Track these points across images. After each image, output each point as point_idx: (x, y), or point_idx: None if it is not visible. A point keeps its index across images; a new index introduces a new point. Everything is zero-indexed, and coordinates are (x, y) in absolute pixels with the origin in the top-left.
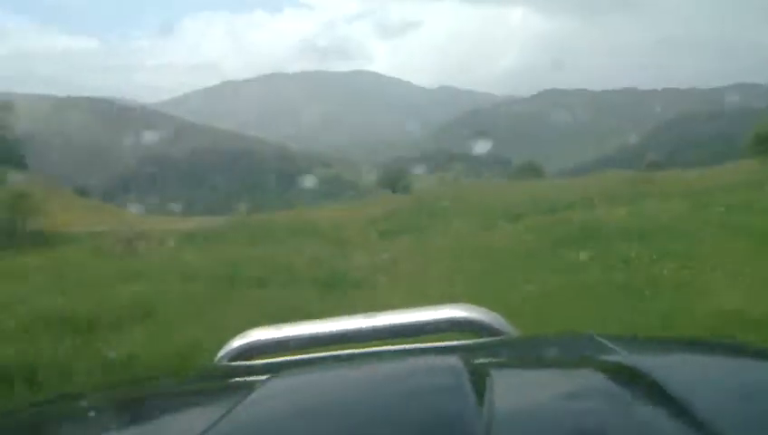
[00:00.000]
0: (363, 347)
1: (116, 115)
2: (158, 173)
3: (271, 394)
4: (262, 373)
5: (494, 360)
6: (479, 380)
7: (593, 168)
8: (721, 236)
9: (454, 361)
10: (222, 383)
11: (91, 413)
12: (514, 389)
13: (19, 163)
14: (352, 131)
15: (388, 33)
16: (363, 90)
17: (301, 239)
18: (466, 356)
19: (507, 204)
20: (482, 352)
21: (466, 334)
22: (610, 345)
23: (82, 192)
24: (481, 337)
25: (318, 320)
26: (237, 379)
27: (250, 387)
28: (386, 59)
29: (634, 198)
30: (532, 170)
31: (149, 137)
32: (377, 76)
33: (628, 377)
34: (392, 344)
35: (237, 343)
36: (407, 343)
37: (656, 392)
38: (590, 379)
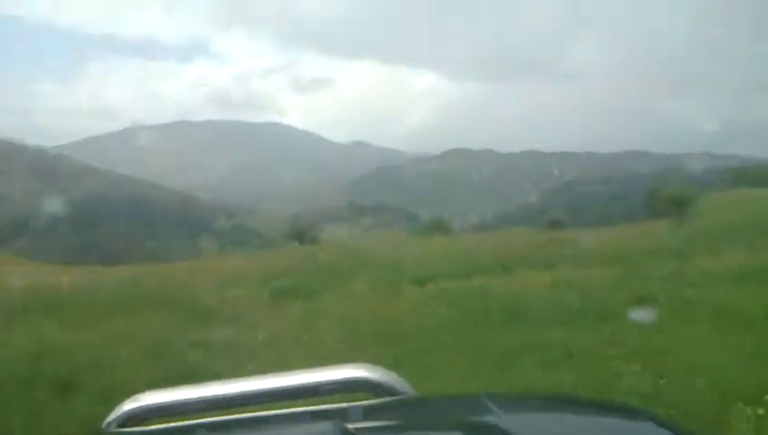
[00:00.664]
0: (260, 409)
1: (9, 156)
2: (52, 217)
3: None
4: None
5: (374, 424)
6: None
7: (496, 224)
8: (681, 317)
9: (327, 427)
10: None
11: None
12: None
13: None
14: (262, 183)
15: (302, 89)
16: (275, 142)
17: (167, 307)
18: (340, 423)
19: (415, 262)
20: (368, 414)
21: (367, 395)
22: (491, 406)
23: None
24: (379, 397)
25: (215, 381)
26: None
27: None
28: (299, 113)
29: (549, 261)
30: (438, 227)
31: (46, 180)
32: (289, 129)
33: None
34: (290, 405)
35: (127, 406)
36: (305, 404)
37: None
38: None
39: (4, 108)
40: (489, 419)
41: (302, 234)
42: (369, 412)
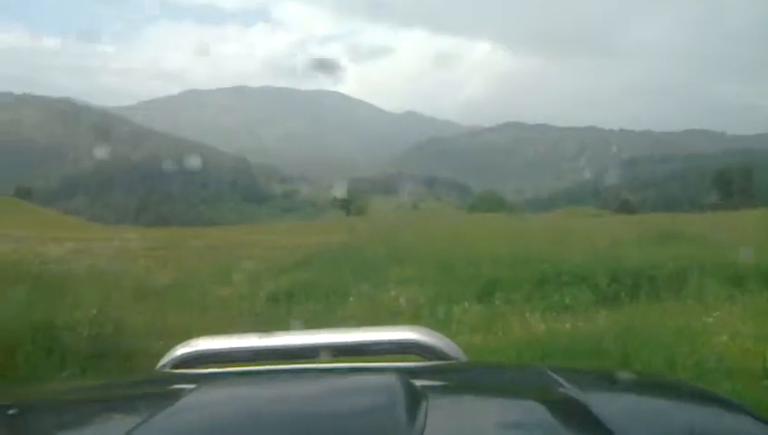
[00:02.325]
0: (308, 363)
1: (74, 117)
2: (111, 178)
3: (197, 403)
4: (196, 382)
5: (436, 383)
6: (416, 402)
7: (551, 201)
8: None
9: (391, 381)
10: (155, 390)
11: (27, 413)
12: (452, 414)
13: None
14: (314, 150)
15: (359, 57)
16: (328, 110)
17: None
18: (406, 378)
19: (476, 256)
20: (425, 375)
21: (417, 358)
22: (557, 378)
23: (26, 193)
24: (431, 361)
25: (266, 333)
26: (172, 386)
27: (179, 395)
28: (354, 82)
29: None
30: (493, 200)
31: (106, 141)
32: (343, 97)
33: (568, 409)
34: (338, 362)
35: (181, 350)
36: (353, 362)
37: (592, 424)
38: (531, 409)
39: (70, 68)
40: (559, 389)
41: (348, 204)
42: (430, 373)
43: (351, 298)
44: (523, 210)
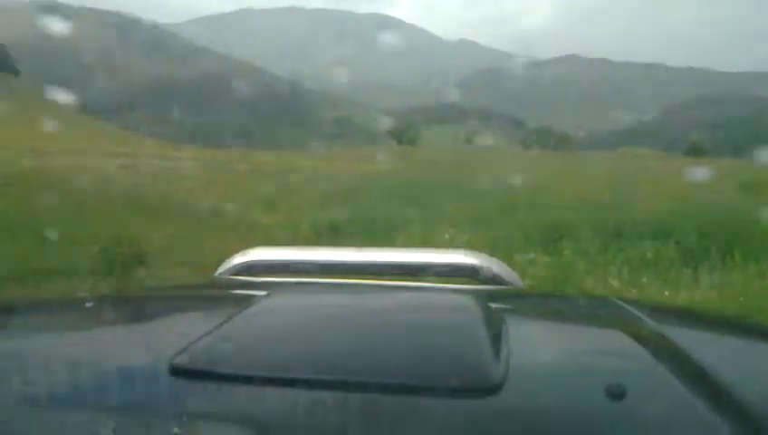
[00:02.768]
0: (369, 280)
1: (126, 31)
2: (164, 95)
3: (274, 307)
4: (264, 289)
5: (510, 307)
6: (496, 325)
7: (609, 139)
8: None
9: (472, 302)
10: (223, 294)
11: (92, 316)
12: (534, 339)
13: (11, 69)
14: (367, 76)
15: None
16: (383, 34)
17: None
18: (483, 299)
19: (539, 197)
20: (497, 300)
21: (472, 282)
22: (632, 310)
23: (82, 107)
24: (491, 286)
25: (320, 247)
26: (240, 291)
27: (252, 300)
28: (409, 5)
29: None
30: (549, 136)
31: (158, 56)
32: (397, 22)
33: (653, 341)
34: (394, 280)
35: (239, 259)
36: (408, 282)
37: (681, 358)
38: (616, 338)
39: None
40: (639, 321)
41: (400, 133)
42: (500, 298)
43: (400, 238)
44: (580, 148)
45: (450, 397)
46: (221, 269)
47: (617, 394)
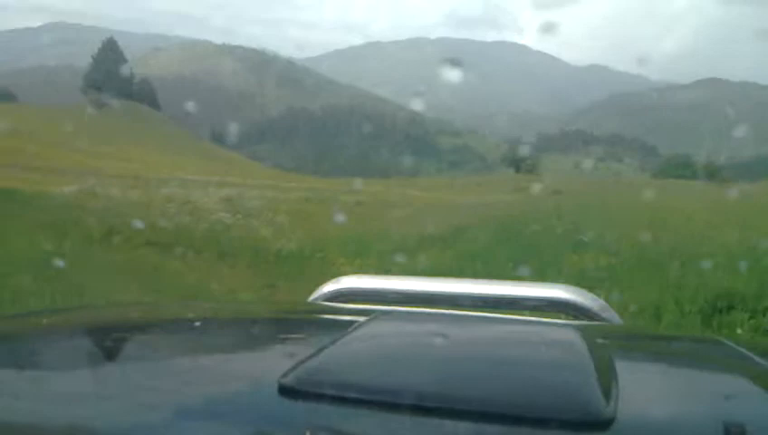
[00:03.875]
0: (462, 310)
1: (263, 66)
2: (294, 126)
3: (377, 332)
4: (361, 315)
5: (613, 343)
6: (602, 359)
7: (755, 168)
8: None
9: (575, 335)
10: (322, 319)
11: (186, 329)
12: (643, 375)
13: (153, 104)
14: (489, 103)
15: (544, 6)
16: (507, 62)
17: None
18: (586, 334)
19: (690, 245)
20: (599, 335)
21: (567, 317)
22: (743, 350)
23: (219, 138)
24: (589, 322)
25: (412, 277)
26: (338, 316)
27: (353, 324)
28: (536, 32)
29: None
30: (685, 165)
31: (291, 90)
32: (523, 49)
33: None
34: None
35: (331, 286)
36: (502, 314)
37: None
38: (728, 378)
39: (261, 20)
40: (753, 364)
41: (519, 161)
42: (602, 334)
43: None
44: (722, 179)
45: (559, 429)
46: (315, 295)
47: (738, 433)
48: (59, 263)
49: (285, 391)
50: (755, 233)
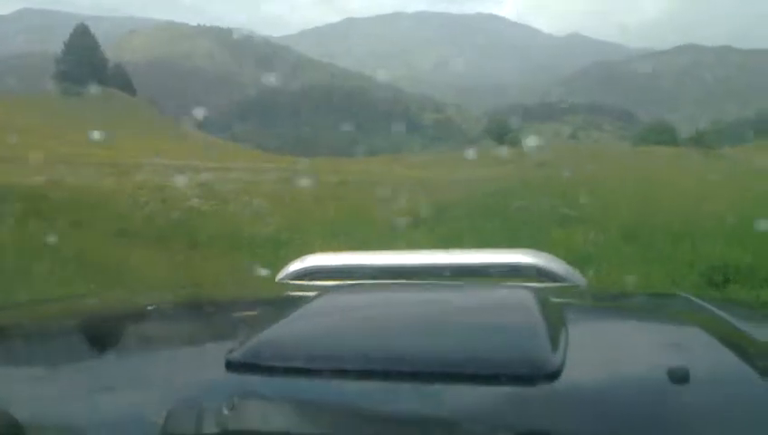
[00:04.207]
0: (428, 280)
1: (240, 46)
2: (274, 107)
3: (331, 304)
4: (323, 291)
5: (572, 302)
6: (557, 318)
7: (735, 134)
8: None
9: (531, 297)
10: (282, 297)
11: (152, 314)
12: (596, 330)
13: (128, 89)
14: (469, 77)
15: None
16: (486, 34)
17: None
18: (545, 295)
19: (678, 215)
20: (560, 296)
21: (531, 281)
22: (703, 304)
23: (197, 121)
24: (555, 284)
25: (376, 251)
26: (298, 293)
27: (308, 299)
28: (515, 4)
29: None
30: (665, 131)
31: (269, 70)
32: (502, 21)
33: (722, 330)
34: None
35: (298, 265)
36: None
37: (750, 348)
38: (682, 328)
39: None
40: (716, 317)
41: (501, 135)
42: (563, 295)
43: None
44: (707, 145)
45: (508, 384)
46: (280, 275)
47: (680, 378)
48: (7, 262)
49: (231, 365)
50: (748, 201)
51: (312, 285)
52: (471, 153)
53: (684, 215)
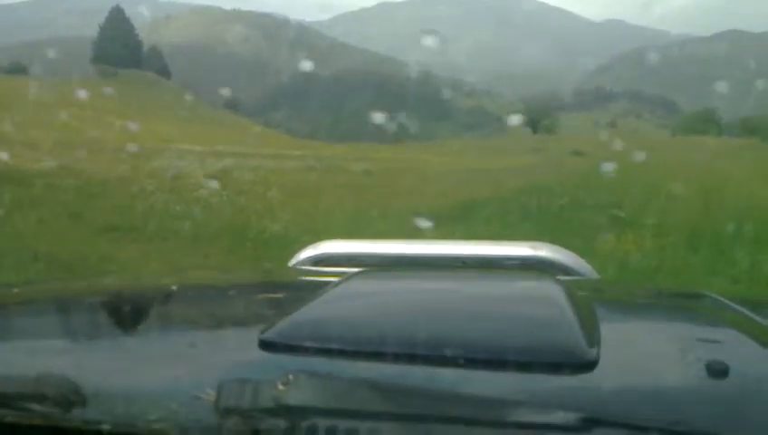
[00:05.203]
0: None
1: (274, 31)
2: (307, 92)
3: (355, 289)
4: (338, 277)
5: (593, 295)
6: (584, 309)
7: None
8: None
9: (555, 287)
10: (302, 282)
11: (174, 297)
12: (625, 323)
13: (163, 72)
14: (504, 62)
15: None
16: (522, 18)
17: None
18: (565, 286)
19: (744, 212)
20: (578, 288)
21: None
22: (726, 302)
23: (232, 105)
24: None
25: (389, 240)
26: (317, 278)
27: (332, 284)
28: None
29: None
30: (709, 120)
31: (303, 55)
32: (539, 4)
33: (750, 328)
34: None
35: (310, 252)
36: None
37: None
38: (710, 325)
39: None
40: (741, 317)
41: (536, 121)
42: (585, 288)
43: None
44: (743, 135)
45: (545, 373)
46: (294, 260)
47: (718, 372)
48: None
49: (265, 344)
50: None
51: (327, 271)
52: (504, 141)
53: (755, 217)
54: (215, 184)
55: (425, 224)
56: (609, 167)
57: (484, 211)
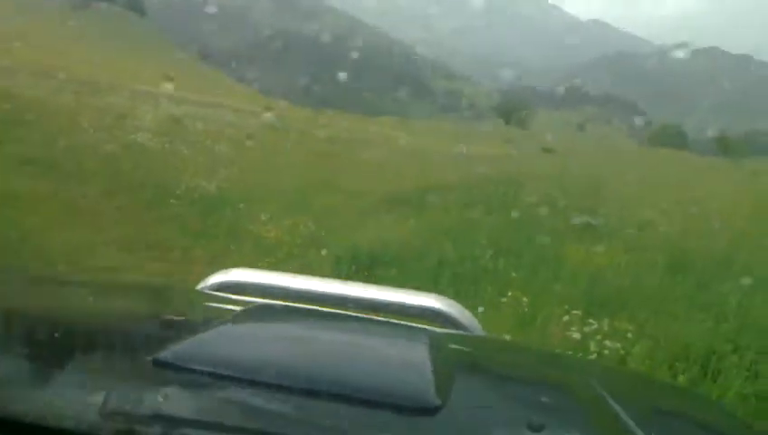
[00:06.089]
0: (338, 310)
1: None
2: (284, 50)
3: (245, 321)
4: (241, 306)
5: (461, 348)
6: (442, 359)
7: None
8: None
9: (424, 338)
10: (205, 306)
11: (77, 303)
12: (476, 378)
13: (138, 9)
14: (486, 49)
15: None
16: (510, 8)
17: None
18: (437, 338)
19: (712, 233)
20: (451, 341)
21: (435, 325)
22: (583, 366)
23: (206, 55)
24: (454, 331)
25: (297, 274)
26: (221, 305)
27: (231, 313)
28: None
29: None
30: (675, 135)
31: (287, 12)
32: None
33: (584, 392)
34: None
35: (220, 277)
36: (374, 316)
37: (604, 409)
38: (551, 387)
39: None
40: (585, 382)
41: (509, 114)
42: (454, 341)
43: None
44: (709, 153)
45: (388, 411)
46: (201, 284)
47: (535, 429)
48: None
49: (158, 364)
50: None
51: (232, 299)
52: (477, 127)
53: (735, 239)
54: (160, 129)
55: (378, 205)
56: (579, 169)
57: (447, 198)
